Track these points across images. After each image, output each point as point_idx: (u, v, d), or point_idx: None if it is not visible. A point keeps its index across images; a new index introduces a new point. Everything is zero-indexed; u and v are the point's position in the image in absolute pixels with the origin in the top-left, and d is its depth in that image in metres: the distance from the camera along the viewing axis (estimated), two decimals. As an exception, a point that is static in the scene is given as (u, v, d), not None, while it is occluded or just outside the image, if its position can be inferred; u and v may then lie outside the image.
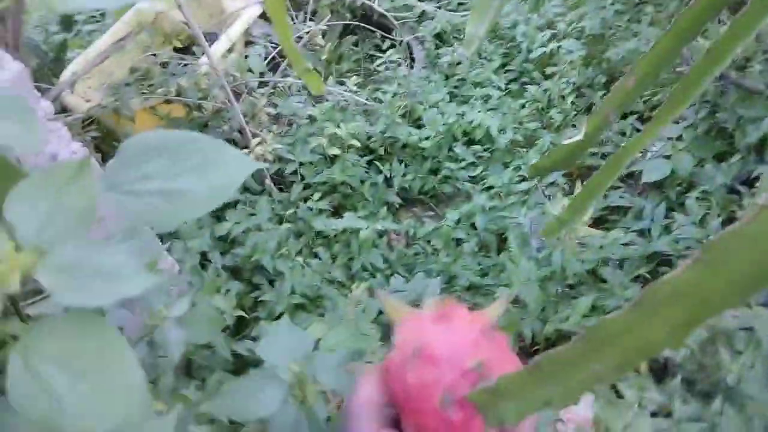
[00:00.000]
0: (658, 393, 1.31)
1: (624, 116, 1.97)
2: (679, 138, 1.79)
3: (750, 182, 1.66)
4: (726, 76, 1.75)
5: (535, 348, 1.55)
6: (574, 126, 2.06)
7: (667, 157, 1.74)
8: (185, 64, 2.03)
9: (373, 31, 2.53)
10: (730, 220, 1.57)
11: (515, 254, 1.45)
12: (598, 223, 1.70)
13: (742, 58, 1.87)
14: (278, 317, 1.44)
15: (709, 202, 1.64)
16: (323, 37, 2.24)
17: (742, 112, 1.76)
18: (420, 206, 2.04)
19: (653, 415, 1.27)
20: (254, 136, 1.83)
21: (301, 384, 0.79)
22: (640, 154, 1.82)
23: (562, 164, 1.36)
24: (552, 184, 1.83)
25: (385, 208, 1.91)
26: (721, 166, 1.70)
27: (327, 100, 2.07)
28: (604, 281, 1.55)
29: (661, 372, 1.46)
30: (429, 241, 1.82)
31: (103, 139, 1.88)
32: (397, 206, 2.01)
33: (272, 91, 2.07)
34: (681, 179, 1.74)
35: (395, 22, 2.44)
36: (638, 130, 1.87)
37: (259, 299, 1.52)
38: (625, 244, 1.57)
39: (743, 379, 1.26)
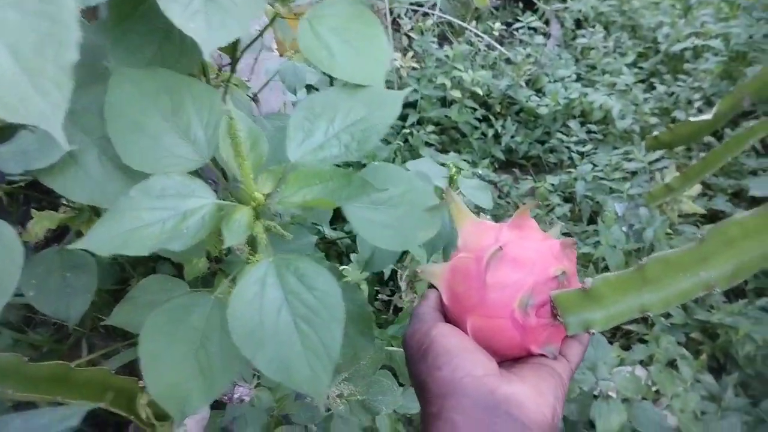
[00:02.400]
0: (712, 382, 1.34)
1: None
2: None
3: None
4: None
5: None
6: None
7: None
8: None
9: (517, 2, 2.59)
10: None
11: (609, 220, 1.49)
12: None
13: None
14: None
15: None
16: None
17: None
18: (520, 170, 2.10)
19: (702, 398, 1.31)
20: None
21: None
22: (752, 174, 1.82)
23: (684, 140, 1.40)
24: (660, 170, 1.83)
25: (488, 160, 1.99)
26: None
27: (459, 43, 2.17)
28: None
29: (718, 370, 1.48)
30: (522, 201, 1.88)
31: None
32: (498, 164, 2.08)
33: (412, 26, 2.17)
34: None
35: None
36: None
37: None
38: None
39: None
